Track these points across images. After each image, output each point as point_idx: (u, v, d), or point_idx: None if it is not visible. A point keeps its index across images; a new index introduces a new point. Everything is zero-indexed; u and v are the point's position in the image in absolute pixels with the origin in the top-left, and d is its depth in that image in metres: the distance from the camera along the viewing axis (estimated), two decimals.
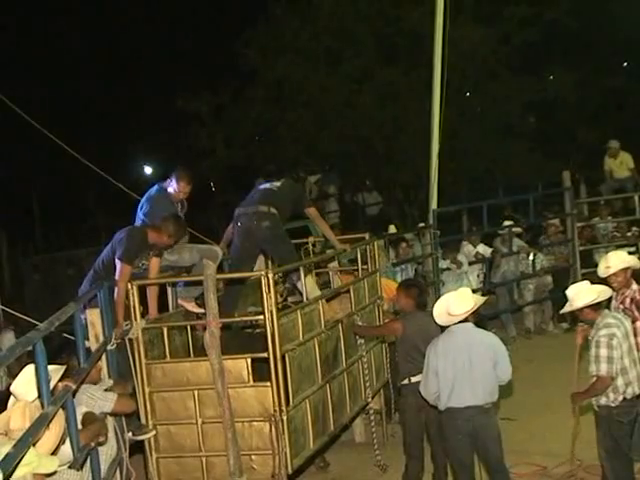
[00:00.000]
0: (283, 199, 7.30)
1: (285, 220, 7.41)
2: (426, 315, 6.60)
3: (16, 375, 4.33)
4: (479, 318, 6.41)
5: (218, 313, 5.96)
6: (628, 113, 21.12)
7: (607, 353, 5.59)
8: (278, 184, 7.44)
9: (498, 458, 5.94)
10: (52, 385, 4.26)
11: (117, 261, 6.19)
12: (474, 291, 10.49)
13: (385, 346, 8.17)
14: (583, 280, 6.23)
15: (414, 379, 6.54)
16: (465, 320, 5.83)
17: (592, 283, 5.92)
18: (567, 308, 5.97)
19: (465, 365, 5.77)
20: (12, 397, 4.16)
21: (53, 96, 22.01)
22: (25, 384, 4.16)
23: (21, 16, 22.14)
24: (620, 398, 5.67)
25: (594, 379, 5.70)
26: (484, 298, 6.32)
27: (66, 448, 4.39)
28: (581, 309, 5.78)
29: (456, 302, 5.84)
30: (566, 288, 6.03)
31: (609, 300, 6.12)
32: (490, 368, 5.82)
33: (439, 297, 7.08)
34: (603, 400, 5.72)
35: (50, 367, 4.22)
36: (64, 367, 4.51)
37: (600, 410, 5.77)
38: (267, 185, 7.45)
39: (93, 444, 4.85)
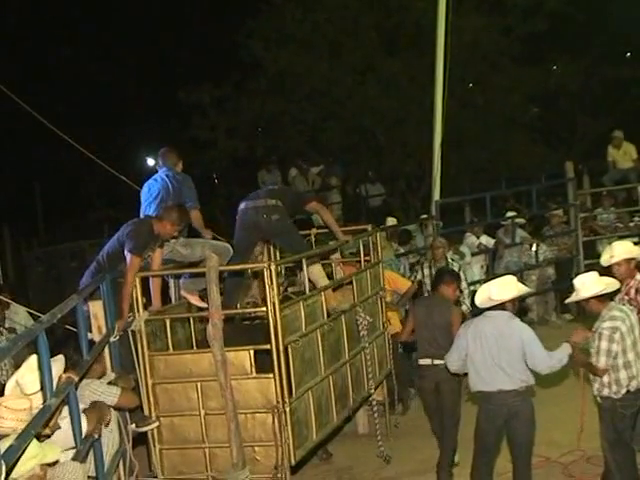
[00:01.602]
0: (285, 195, 7.45)
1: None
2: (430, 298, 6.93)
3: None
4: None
5: (221, 305, 5.97)
6: (631, 103, 21.02)
7: (607, 346, 5.60)
8: (277, 186, 7.76)
9: (525, 443, 5.93)
10: (54, 376, 4.26)
11: (127, 254, 6.18)
12: (476, 282, 10.55)
13: (388, 337, 8.20)
14: (586, 271, 6.22)
15: (421, 362, 6.94)
16: (503, 307, 5.88)
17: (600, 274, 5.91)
18: (573, 297, 5.96)
19: (493, 351, 5.82)
20: (8, 386, 4.15)
21: (54, 90, 21.96)
22: (31, 372, 4.17)
23: (21, 7, 22.09)
24: (623, 391, 5.67)
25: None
26: (529, 290, 6.34)
27: (64, 433, 4.38)
28: (587, 300, 5.78)
29: (497, 288, 5.90)
30: (569, 279, 6.03)
31: (615, 291, 6.11)
32: (518, 357, 5.83)
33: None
34: (606, 392, 5.72)
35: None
36: (61, 357, 4.51)
37: (603, 402, 5.77)
38: (269, 187, 7.90)
39: (97, 433, 4.84)
